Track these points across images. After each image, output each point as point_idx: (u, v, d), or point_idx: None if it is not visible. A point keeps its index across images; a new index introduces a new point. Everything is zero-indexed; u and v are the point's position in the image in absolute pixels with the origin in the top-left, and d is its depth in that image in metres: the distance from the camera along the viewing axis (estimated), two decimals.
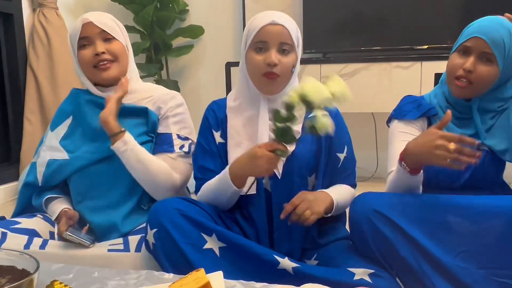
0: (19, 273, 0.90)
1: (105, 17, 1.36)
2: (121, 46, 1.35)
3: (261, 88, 1.22)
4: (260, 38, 1.19)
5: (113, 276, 0.97)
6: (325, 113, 1.06)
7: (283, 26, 1.18)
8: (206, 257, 1.06)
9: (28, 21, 2.68)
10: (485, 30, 1.17)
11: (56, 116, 1.42)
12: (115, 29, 1.35)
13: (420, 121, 1.28)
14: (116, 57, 1.34)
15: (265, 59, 1.18)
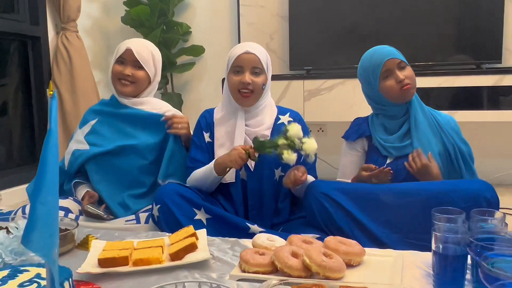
0: (63, 230, 1.28)
1: (144, 48, 1.74)
2: (145, 75, 1.74)
3: (239, 102, 1.61)
4: (237, 63, 1.59)
5: (129, 235, 1.36)
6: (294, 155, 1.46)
7: (255, 54, 1.59)
8: (196, 225, 1.42)
9: (52, 43, 3.09)
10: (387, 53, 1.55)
11: (84, 117, 1.83)
12: (147, 60, 1.73)
13: (360, 141, 1.66)
14: (136, 81, 1.73)
15: (241, 79, 1.58)
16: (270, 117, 1.66)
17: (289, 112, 1.70)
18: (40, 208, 0.59)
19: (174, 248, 1.13)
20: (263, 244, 1.13)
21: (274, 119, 1.66)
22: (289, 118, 1.67)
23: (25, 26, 2.96)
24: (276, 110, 1.70)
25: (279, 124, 1.64)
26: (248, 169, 1.59)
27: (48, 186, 0.60)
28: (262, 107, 1.65)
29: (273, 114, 1.67)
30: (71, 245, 1.23)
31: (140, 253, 1.10)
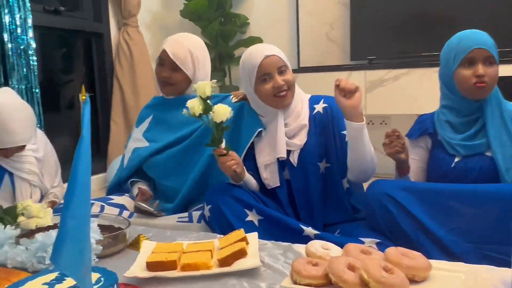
0: (115, 229, 1.28)
1: (180, 49, 1.69)
2: (181, 77, 1.70)
3: (277, 105, 1.52)
4: (263, 71, 1.48)
5: (180, 235, 1.33)
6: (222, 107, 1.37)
7: (274, 54, 1.49)
8: (247, 226, 1.37)
9: (114, 39, 3.17)
10: (480, 41, 1.38)
11: (140, 116, 1.84)
12: (184, 61, 1.68)
13: (423, 139, 1.53)
14: (174, 83, 1.71)
15: (273, 84, 1.48)
16: (304, 108, 1.58)
17: (323, 99, 1.60)
18: (70, 223, 0.55)
19: (223, 253, 1.08)
20: (316, 253, 1.05)
21: (309, 109, 1.57)
22: (324, 104, 1.57)
23: (89, 23, 3.06)
24: (308, 99, 1.61)
25: (315, 114, 1.56)
26: (291, 168, 1.51)
27: (79, 198, 0.56)
28: (297, 100, 1.57)
29: (305, 103, 1.59)
30: (122, 245, 1.22)
31: (189, 258, 1.07)
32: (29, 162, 1.81)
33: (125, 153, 1.82)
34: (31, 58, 2.43)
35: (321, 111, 1.56)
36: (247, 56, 1.54)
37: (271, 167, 1.54)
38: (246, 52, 1.55)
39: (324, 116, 1.55)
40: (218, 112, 1.36)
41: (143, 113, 1.85)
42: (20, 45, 2.37)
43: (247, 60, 1.53)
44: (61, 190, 2.03)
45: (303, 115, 1.56)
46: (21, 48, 2.38)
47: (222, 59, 3.38)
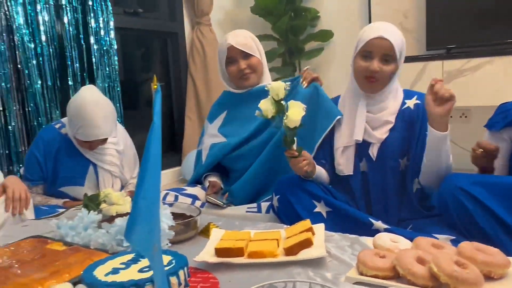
0: (187, 217, 1.34)
1: (243, 38, 1.76)
2: (257, 60, 1.76)
3: (363, 87, 1.49)
4: (367, 48, 1.45)
5: (248, 224, 1.36)
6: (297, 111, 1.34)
7: (389, 40, 1.42)
8: (315, 218, 1.38)
9: (188, 37, 3.30)
10: None
11: (212, 112, 1.89)
12: (252, 47, 1.75)
13: (507, 130, 1.42)
14: (254, 69, 1.75)
15: (368, 66, 1.45)
16: (395, 102, 1.51)
17: (416, 95, 1.53)
18: (141, 203, 0.59)
19: (289, 242, 1.09)
20: (384, 245, 1.03)
21: (400, 104, 1.51)
22: (416, 101, 1.50)
23: (164, 24, 3.20)
24: (402, 94, 1.54)
25: (404, 109, 1.49)
26: (369, 160, 1.48)
27: (150, 181, 0.60)
28: (386, 93, 1.51)
29: (399, 99, 1.52)
30: (193, 232, 1.28)
31: (256, 245, 1.09)
32: (110, 154, 1.95)
33: (202, 149, 1.88)
34: (113, 58, 2.60)
35: (412, 107, 1.49)
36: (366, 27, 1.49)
37: (347, 152, 1.51)
38: None
39: (413, 113, 1.49)
40: (291, 118, 1.34)
41: (215, 109, 1.90)
42: (103, 46, 2.55)
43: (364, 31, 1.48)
44: None
45: (390, 110, 1.50)
46: (104, 49, 2.56)
47: (292, 53, 3.38)
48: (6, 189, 1.54)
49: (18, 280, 0.95)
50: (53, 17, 2.32)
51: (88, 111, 1.73)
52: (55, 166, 1.88)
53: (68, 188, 1.90)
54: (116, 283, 0.82)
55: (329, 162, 1.55)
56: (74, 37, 2.42)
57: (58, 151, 1.87)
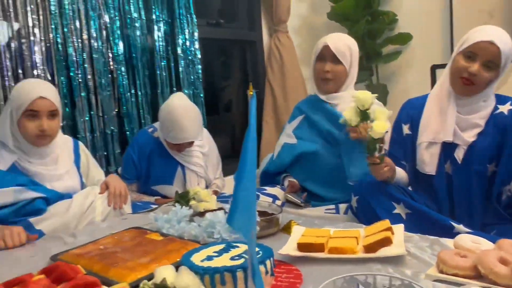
0: (269, 214, 1.42)
1: (342, 44, 1.82)
2: (343, 70, 1.81)
3: (455, 87, 1.48)
4: (472, 49, 1.40)
5: (327, 223, 1.42)
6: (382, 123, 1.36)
7: (498, 47, 1.37)
8: (394, 219, 1.39)
9: (266, 45, 3.41)
10: None
11: (293, 113, 1.99)
12: (345, 56, 1.80)
13: None
14: (336, 76, 1.80)
15: (469, 67, 1.41)
16: (486, 106, 1.48)
17: (510, 100, 1.49)
18: (241, 194, 0.68)
19: (368, 240, 1.13)
20: (465, 246, 1.04)
21: (492, 109, 1.47)
22: (510, 107, 1.46)
23: (244, 33, 3.35)
24: (494, 99, 1.50)
25: (497, 114, 1.46)
26: (454, 163, 1.47)
27: (248, 174, 0.69)
28: (478, 97, 1.48)
29: (490, 103, 1.49)
30: (275, 228, 1.36)
31: (336, 242, 1.15)
32: (196, 156, 2.11)
33: (277, 145, 1.98)
34: (197, 67, 2.78)
35: (505, 113, 1.46)
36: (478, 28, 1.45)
37: (432, 150, 1.49)
38: None
39: (506, 119, 1.45)
40: (376, 131, 1.37)
41: (297, 110, 1.99)
42: (189, 56, 2.74)
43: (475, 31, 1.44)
44: (221, 182, 2.30)
45: (481, 113, 1.47)
46: (189, 59, 2.74)
47: (369, 57, 3.37)
48: (108, 186, 1.73)
49: (126, 264, 1.09)
50: (144, 31, 2.54)
51: (178, 117, 1.89)
52: (148, 167, 2.06)
53: (159, 187, 2.08)
54: (211, 268, 0.93)
55: (410, 160, 1.55)
56: (163, 49, 2.63)
57: (151, 153, 2.06)
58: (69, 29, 2.22)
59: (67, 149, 1.82)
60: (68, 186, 1.74)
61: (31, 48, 2.10)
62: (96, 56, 2.33)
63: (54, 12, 2.18)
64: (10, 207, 1.53)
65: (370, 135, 1.38)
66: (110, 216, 1.69)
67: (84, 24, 2.28)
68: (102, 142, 2.38)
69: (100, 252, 1.20)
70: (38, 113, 1.60)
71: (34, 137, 1.61)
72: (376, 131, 1.36)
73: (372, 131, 1.37)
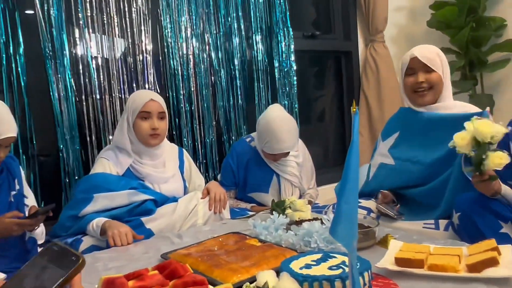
0: (365, 227, 1.41)
1: (429, 52, 1.76)
2: (438, 77, 1.74)
3: None
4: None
5: (426, 239, 1.38)
6: None
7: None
8: (501, 238, 1.31)
9: (362, 54, 3.38)
10: None
11: (386, 129, 1.94)
12: (436, 62, 1.74)
13: None
14: (432, 85, 1.74)
15: None
16: None
17: None
18: (344, 206, 0.72)
19: (472, 259, 1.09)
20: None
21: None
22: None
23: (339, 43, 3.36)
24: None
25: None
26: None
27: (351, 188, 0.72)
28: None
29: None
30: (372, 241, 1.36)
31: (436, 259, 1.12)
32: (291, 166, 2.16)
33: (371, 165, 1.94)
34: (292, 78, 2.85)
35: None
36: None
37: None
38: None
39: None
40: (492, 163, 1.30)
41: (390, 126, 1.93)
42: (285, 67, 2.82)
43: None
44: (315, 192, 2.32)
45: None
46: (285, 70, 2.82)
47: (473, 66, 3.19)
48: (209, 192, 1.85)
49: (229, 266, 1.17)
50: (244, 44, 2.67)
51: (275, 128, 1.96)
52: (245, 174, 2.16)
53: (255, 194, 2.16)
54: (310, 276, 0.97)
55: None
56: (261, 61, 2.74)
57: (248, 161, 2.15)
58: (176, 44, 2.41)
59: (173, 155, 1.98)
60: (173, 189, 1.90)
61: (145, 63, 2.32)
62: (199, 70, 2.50)
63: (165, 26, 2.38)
64: (125, 207, 1.72)
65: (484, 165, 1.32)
66: (211, 220, 1.80)
67: (189, 40, 2.46)
68: (202, 150, 2.53)
69: (205, 253, 1.29)
70: (150, 114, 1.81)
71: (147, 136, 1.82)
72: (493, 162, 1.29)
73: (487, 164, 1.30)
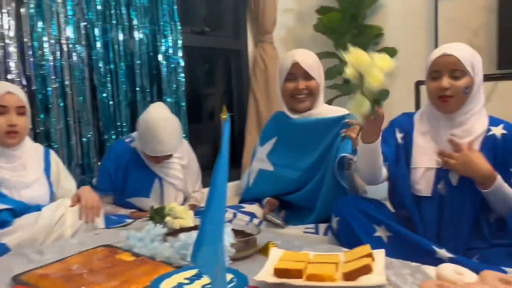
0: (247, 235, 1.37)
1: (310, 58, 1.77)
2: (317, 84, 1.76)
3: (438, 108, 1.46)
4: (434, 68, 1.44)
5: (307, 245, 1.37)
6: None
7: (454, 55, 1.41)
8: (375, 242, 1.35)
9: (251, 54, 3.38)
10: None
11: (264, 134, 1.92)
12: (315, 69, 1.76)
13: None
14: (311, 92, 1.75)
15: (438, 85, 1.42)
16: (480, 127, 1.45)
17: (503, 123, 1.46)
18: (207, 227, 0.63)
19: (348, 267, 1.09)
20: (448, 277, 1.00)
21: (485, 130, 1.45)
22: (503, 130, 1.43)
23: (229, 41, 3.31)
24: (487, 119, 1.48)
25: (489, 136, 1.43)
26: (449, 184, 1.43)
27: (216, 207, 0.64)
28: (469, 115, 1.45)
29: (483, 123, 1.46)
30: (252, 250, 1.30)
31: (314, 268, 1.10)
32: (175, 169, 2.04)
33: (251, 171, 1.91)
34: (180, 75, 2.72)
35: (498, 136, 1.43)
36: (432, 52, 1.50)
37: (428, 173, 1.46)
38: None
39: (499, 143, 1.42)
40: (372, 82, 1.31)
41: (267, 131, 1.91)
42: (171, 64, 2.68)
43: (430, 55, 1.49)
44: (201, 195, 2.23)
45: (475, 135, 1.44)
46: (172, 67, 2.68)
47: None
48: (80, 198, 1.65)
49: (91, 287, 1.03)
50: (126, 36, 2.48)
51: (156, 128, 1.83)
52: (124, 178, 1.99)
53: (135, 199, 2.01)
54: None
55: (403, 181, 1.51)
56: (144, 55, 2.57)
57: (127, 163, 1.99)
58: (46, 32, 2.15)
59: (37, 157, 1.76)
60: (37, 196, 1.68)
61: (6, 52, 2.03)
62: (75, 61, 2.25)
63: (32, 14, 2.10)
64: None
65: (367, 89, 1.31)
66: (81, 231, 1.62)
67: (62, 28, 2.21)
68: (77, 151, 2.30)
69: (66, 273, 1.13)
70: (7, 108, 1.63)
71: (3, 133, 1.62)
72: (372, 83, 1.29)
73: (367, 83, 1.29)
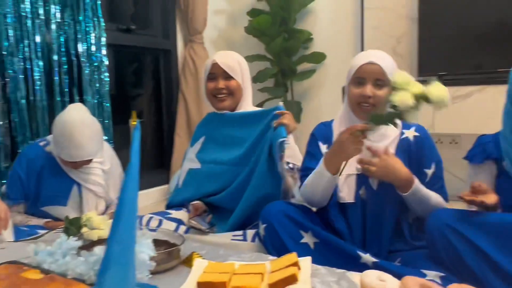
0: (171, 245, 1.30)
1: (230, 59, 1.78)
2: (237, 84, 1.77)
3: (358, 114, 1.48)
4: (359, 74, 1.46)
5: (233, 254, 1.32)
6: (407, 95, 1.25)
7: (379, 65, 1.43)
8: (302, 249, 1.34)
9: (181, 55, 3.29)
10: None
11: (194, 135, 1.90)
12: (235, 70, 1.75)
13: (487, 163, 1.40)
14: (231, 92, 1.75)
15: (361, 92, 1.44)
16: (394, 131, 1.49)
17: (414, 126, 1.52)
18: (115, 248, 0.56)
19: (274, 277, 1.06)
20: (371, 284, 1.00)
21: (399, 134, 1.49)
22: (415, 133, 1.49)
23: (157, 41, 3.19)
24: (401, 124, 1.53)
25: (403, 139, 1.48)
26: (369, 189, 1.45)
27: (125, 224, 0.57)
28: None
29: (397, 128, 1.51)
30: (176, 261, 1.24)
31: (239, 280, 1.06)
32: (95, 174, 1.91)
33: (181, 173, 1.86)
34: (104, 74, 2.57)
35: (411, 139, 1.47)
36: (357, 55, 1.51)
37: (349, 180, 1.47)
38: None
39: (412, 145, 1.47)
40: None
41: (197, 132, 1.91)
42: (94, 62, 2.52)
43: (354, 58, 1.50)
44: None
45: (390, 139, 1.48)
46: (95, 65, 2.53)
47: (285, 74, 3.38)
48: None
49: None
50: (42, 31, 2.29)
51: (73, 132, 1.69)
52: (38, 185, 1.83)
53: (51, 208, 1.85)
54: None
55: None
56: (63, 52, 2.39)
57: (41, 169, 1.82)
58: None
59: None
60: None
61: None
62: None
63: None
64: None
65: None
66: None
67: None
68: None
69: None
70: None
71: None
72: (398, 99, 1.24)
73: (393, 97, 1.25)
